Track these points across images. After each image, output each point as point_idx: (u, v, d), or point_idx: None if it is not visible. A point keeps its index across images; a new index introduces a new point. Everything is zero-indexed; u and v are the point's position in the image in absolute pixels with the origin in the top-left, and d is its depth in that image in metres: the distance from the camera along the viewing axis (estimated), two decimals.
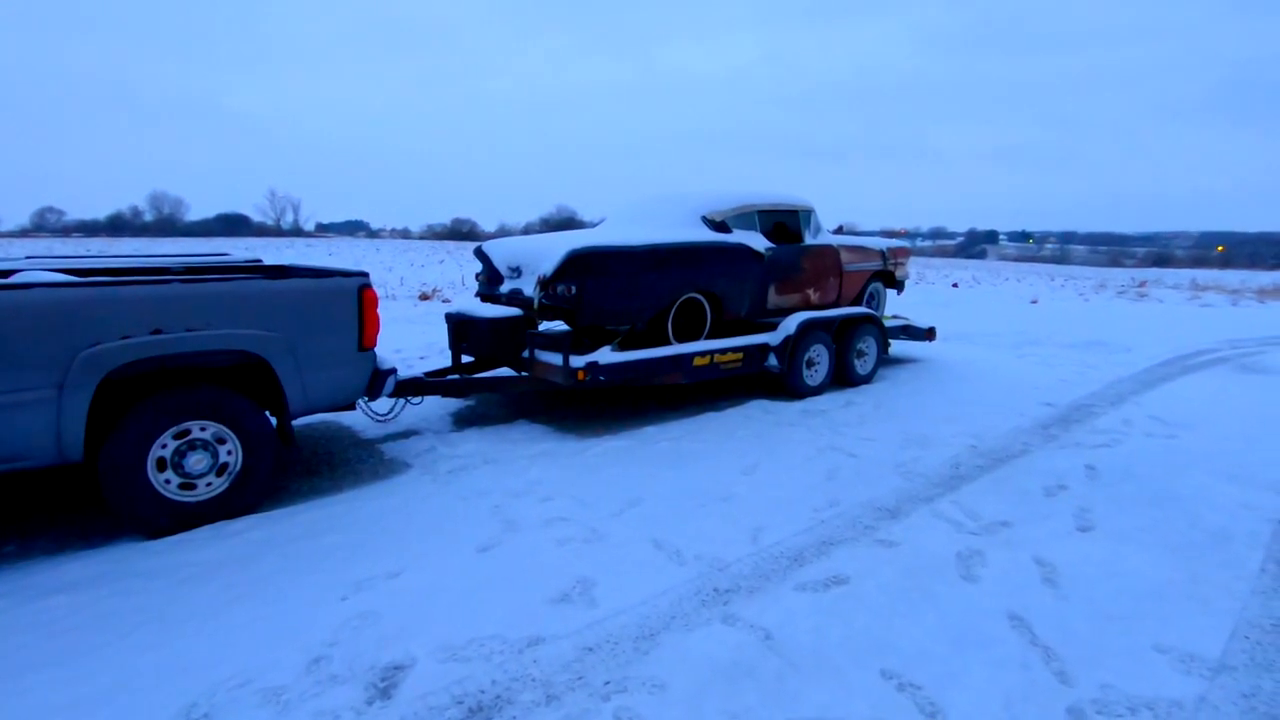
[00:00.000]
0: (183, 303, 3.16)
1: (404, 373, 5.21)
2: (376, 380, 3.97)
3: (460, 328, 5.32)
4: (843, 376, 6.46)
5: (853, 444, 4.73)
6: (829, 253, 6.66)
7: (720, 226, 5.86)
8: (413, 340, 8.56)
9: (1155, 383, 6.90)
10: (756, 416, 5.41)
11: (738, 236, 5.86)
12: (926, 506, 3.70)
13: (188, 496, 3.31)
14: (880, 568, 3.00)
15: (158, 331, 3.10)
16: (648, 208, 6.35)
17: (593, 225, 7.44)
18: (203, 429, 3.33)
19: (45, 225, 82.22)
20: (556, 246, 4.96)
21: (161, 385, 3.24)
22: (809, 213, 6.58)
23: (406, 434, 4.92)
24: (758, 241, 5.97)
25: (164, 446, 3.23)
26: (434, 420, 5.26)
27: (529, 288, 5.15)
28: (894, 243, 7.59)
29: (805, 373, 6.05)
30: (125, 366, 3.06)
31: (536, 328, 5.43)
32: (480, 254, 5.90)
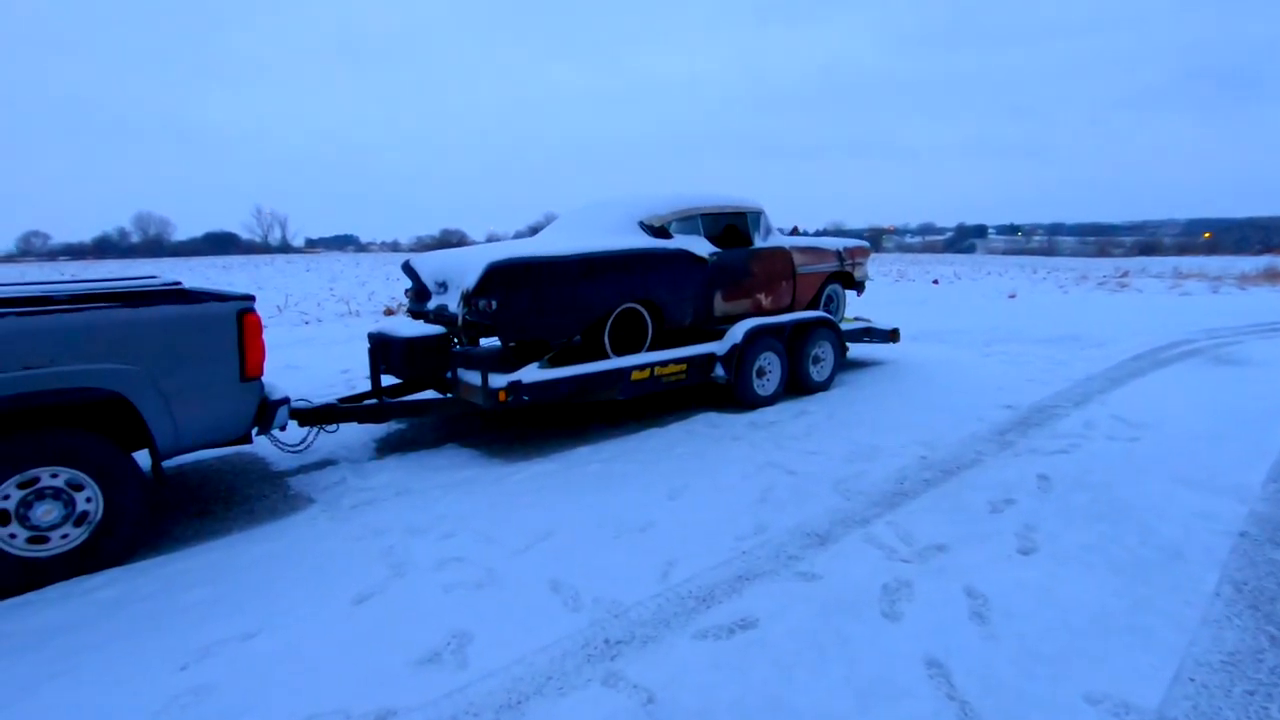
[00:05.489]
0: (18, 338, 2.85)
1: (344, 395, 4.93)
2: (266, 412, 3.66)
3: (380, 348, 5.02)
4: (798, 384, 6.18)
5: (795, 459, 4.44)
6: (780, 255, 6.39)
7: (659, 232, 5.58)
8: (365, 359, 8.24)
9: (1124, 379, 6.65)
10: (700, 431, 5.12)
11: (679, 242, 5.58)
12: (860, 530, 3.41)
13: (38, 551, 2.99)
14: (795, 606, 2.71)
15: None
16: (586, 215, 6.08)
17: None
18: (54, 476, 3.01)
19: (31, 250, 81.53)
20: (479, 259, 4.67)
21: (1, 430, 2.92)
22: (758, 214, 6.31)
23: (322, 464, 4.61)
24: (701, 246, 5.69)
25: (6, 498, 2.91)
26: (355, 448, 4.95)
27: (454, 303, 4.85)
28: (851, 242, 7.32)
29: (755, 382, 5.76)
30: None
31: (464, 345, 5.13)
32: (408, 269, 5.61)
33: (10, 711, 2.19)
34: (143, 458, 3.49)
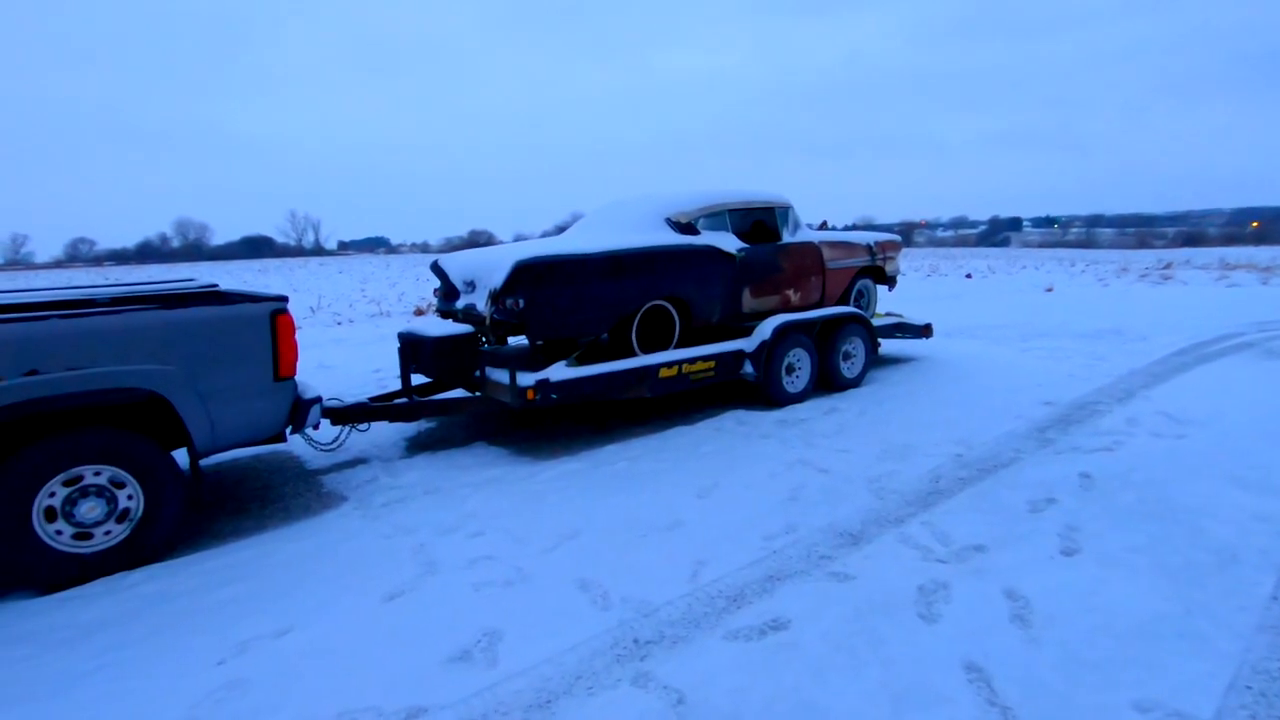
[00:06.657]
0: (61, 340, 2.93)
1: (375, 394, 5.00)
2: (299, 411, 3.71)
3: (410, 347, 5.07)
4: (828, 381, 6.09)
5: (826, 457, 4.37)
6: (809, 250, 6.30)
7: (686, 228, 5.54)
8: (395, 358, 8.34)
9: (1169, 374, 6.42)
10: (728, 429, 5.07)
11: (706, 238, 5.53)
12: (895, 530, 3.34)
13: (84, 547, 3.08)
14: (828, 608, 2.66)
15: (34, 372, 2.87)
16: (613, 212, 6.06)
17: None
18: (97, 474, 3.09)
19: (78, 255, 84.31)
20: (506, 258, 4.69)
21: (47, 429, 3.02)
22: (786, 209, 6.23)
23: (354, 463, 4.67)
24: (728, 242, 5.63)
25: (52, 495, 3.00)
26: (386, 446, 5.01)
27: (482, 302, 4.88)
28: (881, 236, 7.19)
29: (785, 379, 5.69)
30: None
31: (492, 343, 5.15)
32: (436, 268, 5.65)
33: (57, 702, 2.25)
34: (181, 456, 3.57)
